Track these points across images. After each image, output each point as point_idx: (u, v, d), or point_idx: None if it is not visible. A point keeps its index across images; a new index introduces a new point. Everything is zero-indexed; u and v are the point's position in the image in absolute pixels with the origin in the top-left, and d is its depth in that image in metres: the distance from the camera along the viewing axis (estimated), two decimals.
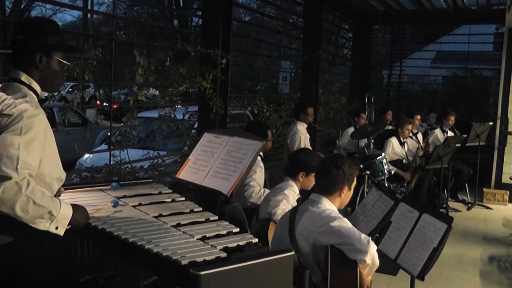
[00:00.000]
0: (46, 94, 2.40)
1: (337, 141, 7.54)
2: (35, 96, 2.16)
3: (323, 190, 2.83)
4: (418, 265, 2.73)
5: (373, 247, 2.54)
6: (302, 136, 6.02)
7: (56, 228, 2.05)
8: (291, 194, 3.60)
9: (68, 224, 2.10)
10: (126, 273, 2.63)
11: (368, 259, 2.50)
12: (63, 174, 2.24)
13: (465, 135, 7.65)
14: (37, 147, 2.01)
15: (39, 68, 2.18)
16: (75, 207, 2.16)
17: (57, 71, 2.24)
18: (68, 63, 2.30)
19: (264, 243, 2.21)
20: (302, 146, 5.82)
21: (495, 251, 5.59)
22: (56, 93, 3.85)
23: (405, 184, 6.67)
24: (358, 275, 2.52)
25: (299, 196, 3.65)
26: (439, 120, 8.52)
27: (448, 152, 6.81)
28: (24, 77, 2.17)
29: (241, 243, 2.12)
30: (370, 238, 2.56)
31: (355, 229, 2.61)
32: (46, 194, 2.02)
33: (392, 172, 6.20)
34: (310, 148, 5.80)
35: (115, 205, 2.56)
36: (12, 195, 1.91)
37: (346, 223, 2.62)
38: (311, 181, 3.62)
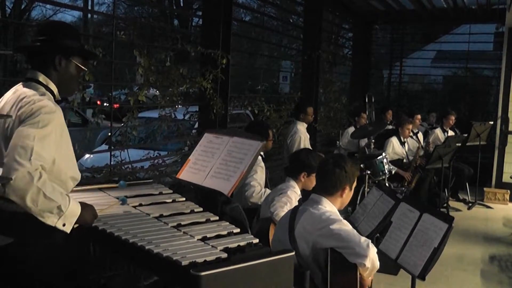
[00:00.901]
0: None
1: (338, 141, 7.54)
2: (52, 97, 2.19)
3: (324, 190, 2.79)
4: (419, 265, 2.72)
5: (373, 251, 2.51)
6: (302, 136, 6.01)
7: (64, 225, 2.06)
8: (293, 196, 3.58)
9: (76, 222, 2.11)
10: (127, 274, 2.63)
11: (367, 263, 2.48)
12: (77, 174, 2.25)
13: (466, 135, 7.64)
14: (52, 143, 2.03)
15: (57, 69, 2.21)
16: (83, 205, 2.17)
17: (74, 75, 2.27)
18: (86, 69, 2.33)
19: (265, 243, 2.20)
20: (302, 146, 5.81)
21: (496, 251, 5.58)
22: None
23: (406, 184, 6.66)
24: (358, 278, 2.51)
25: (301, 196, 3.63)
26: (439, 119, 8.51)
27: (448, 151, 6.81)
28: (41, 78, 2.20)
29: (242, 243, 2.12)
30: (370, 241, 2.53)
31: (355, 232, 2.58)
32: (56, 189, 2.03)
33: (393, 172, 6.19)
34: (310, 148, 5.79)
35: (123, 203, 2.56)
36: (24, 185, 1.92)
37: (346, 225, 2.60)
38: (312, 182, 3.60)
